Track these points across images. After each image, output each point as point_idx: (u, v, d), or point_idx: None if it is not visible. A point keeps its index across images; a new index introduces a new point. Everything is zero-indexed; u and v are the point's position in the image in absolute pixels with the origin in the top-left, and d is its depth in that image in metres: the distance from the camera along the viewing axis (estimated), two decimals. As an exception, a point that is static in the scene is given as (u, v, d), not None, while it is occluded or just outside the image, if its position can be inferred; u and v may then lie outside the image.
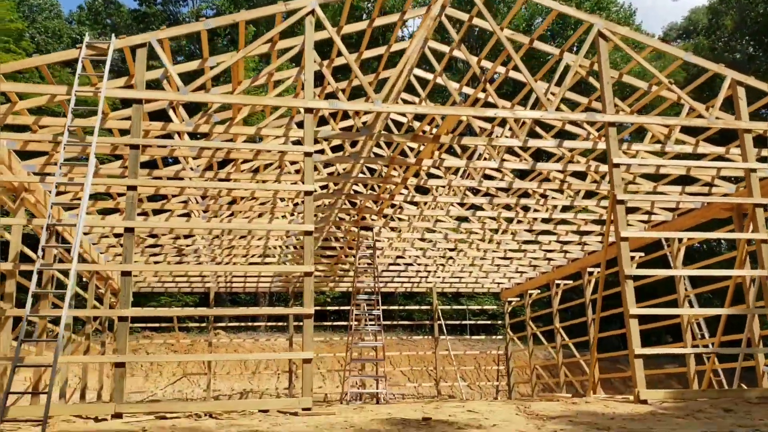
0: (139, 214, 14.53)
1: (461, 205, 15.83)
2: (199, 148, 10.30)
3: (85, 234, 14.94)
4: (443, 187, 14.61)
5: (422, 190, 17.00)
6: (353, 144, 13.20)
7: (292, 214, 14.08)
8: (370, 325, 13.70)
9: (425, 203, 14.75)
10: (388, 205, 13.40)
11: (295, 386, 23.86)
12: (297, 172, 13.88)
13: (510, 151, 14.19)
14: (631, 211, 15.51)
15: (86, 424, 7.23)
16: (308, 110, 8.84)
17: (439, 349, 22.86)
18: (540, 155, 16.63)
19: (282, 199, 14.17)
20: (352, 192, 15.10)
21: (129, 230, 8.15)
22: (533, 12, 38.36)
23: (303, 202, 8.60)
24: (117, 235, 15.49)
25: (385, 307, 26.09)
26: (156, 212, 14.78)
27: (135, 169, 8.25)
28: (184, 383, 24.54)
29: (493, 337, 27.27)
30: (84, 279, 16.31)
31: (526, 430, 6.44)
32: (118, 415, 7.53)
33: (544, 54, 11.40)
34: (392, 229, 15.84)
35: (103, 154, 12.23)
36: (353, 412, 8.00)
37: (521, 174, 17.94)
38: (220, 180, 11.52)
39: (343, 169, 13.02)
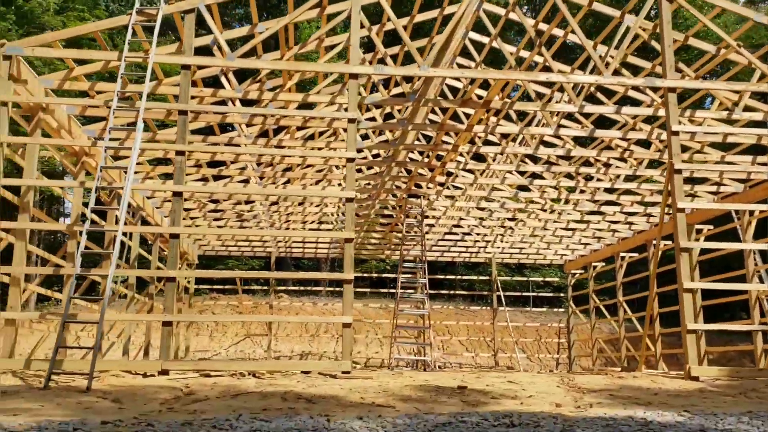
0: (198, 180, 14.92)
1: (521, 173, 15.51)
2: (251, 115, 10.38)
3: (148, 198, 15.47)
4: (500, 154, 14.33)
5: (478, 157, 16.73)
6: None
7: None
8: (416, 293, 13.66)
9: (480, 171, 14.51)
10: (440, 172, 13.23)
11: (353, 349, 24.29)
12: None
13: (570, 117, 13.75)
14: (699, 182, 14.87)
15: (134, 379, 7.53)
16: (353, 76, 8.76)
17: (498, 320, 22.70)
18: (602, 122, 16.02)
19: (337, 167, 14.24)
20: (407, 160, 15.00)
21: (177, 194, 8.34)
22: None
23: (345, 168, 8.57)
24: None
25: (443, 277, 26.22)
26: (216, 178, 15.14)
27: (184, 135, 8.40)
28: (247, 344, 25.29)
29: (556, 309, 26.83)
30: (149, 242, 16.93)
31: (562, 402, 6.29)
32: (164, 372, 7.81)
33: (611, 16, 10.86)
34: (447, 197, 15.69)
35: (160, 120, 12.57)
36: (391, 377, 8.03)
37: (585, 142, 17.41)
38: (274, 147, 11.62)
39: (394, 138, 12.91)
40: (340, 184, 14.47)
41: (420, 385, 7.26)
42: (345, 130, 12.65)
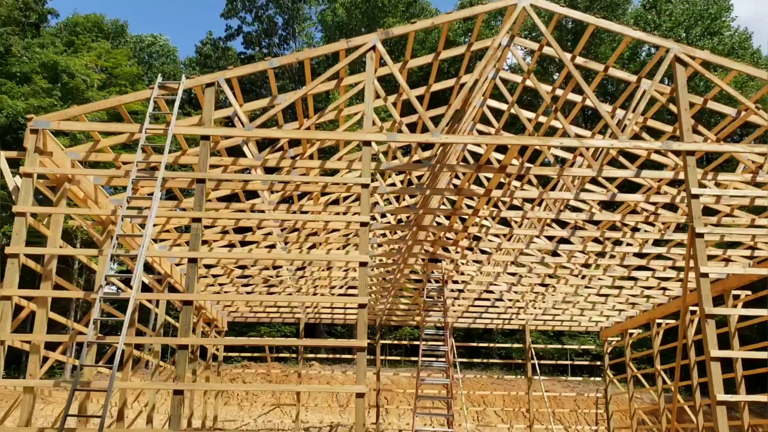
0: (224, 246, 15.13)
1: (549, 238, 15.33)
2: (270, 182, 10.56)
3: (177, 265, 15.68)
4: (526, 219, 14.22)
5: (506, 222, 16.64)
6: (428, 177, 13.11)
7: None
8: (438, 361, 13.36)
9: (507, 236, 14.37)
10: (463, 237, 13.15)
11: (384, 421, 23.74)
12: (376, 203, 14.07)
13: (595, 182, 13.64)
14: (732, 246, 14.51)
15: (143, 450, 7.47)
16: (366, 143, 8.88)
17: (535, 390, 22.03)
18: (630, 187, 15.93)
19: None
20: (436, 224, 14.95)
21: (192, 260, 8.43)
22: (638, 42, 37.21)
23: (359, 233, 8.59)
24: (206, 266, 16.17)
25: (477, 344, 25.76)
26: (243, 244, 15.37)
27: (201, 202, 8.57)
28: (276, 414, 24.98)
29: (593, 378, 25.96)
30: (177, 308, 17.08)
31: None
32: (173, 442, 7.71)
33: (628, 81, 10.90)
34: (475, 261, 15.54)
35: (187, 188, 12.89)
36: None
37: (612, 207, 17.15)
38: (294, 212, 11.76)
39: (415, 202, 12.94)
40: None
41: (431, 458, 7.01)
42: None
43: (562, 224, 16.74)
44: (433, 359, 13.45)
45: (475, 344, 25.86)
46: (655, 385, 19.33)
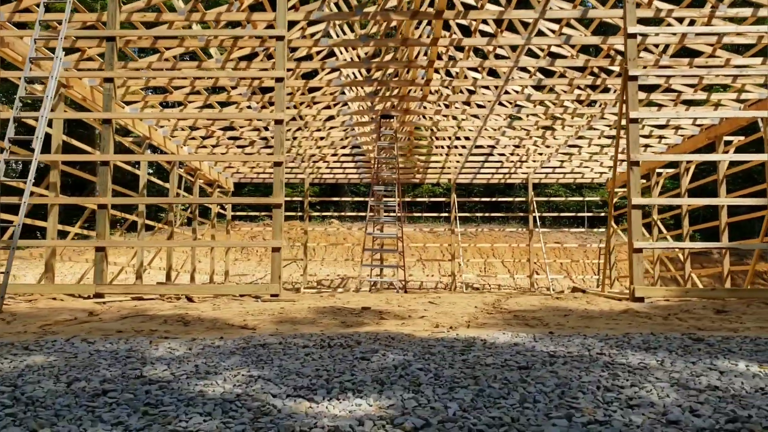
0: (202, 107, 15.13)
1: (538, 88, 14.71)
2: (207, 39, 10.26)
3: (160, 127, 15.81)
4: (483, 68, 13.62)
5: (493, 73, 15.98)
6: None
7: (328, 107, 13.92)
8: (386, 216, 13.43)
9: (466, 87, 13.86)
10: (428, 92, 12.74)
11: (387, 275, 24.55)
12: (351, 60, 13.70)
13: (570, 25, 12.81)
14: (723, 89, 13.70)
15: (66, 302, 7.89)
16: (279, -9, 8.43)
17: (536, 242, 22.26)
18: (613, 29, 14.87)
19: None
20: (421, 79, 14.46)
21: (106, 121, 8.45)
22: None
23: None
24: (191, 128, 16.27)
25: (478, 199, 25.91)
26: (222, 105, 15.44)
27: (111, 61, 8.44)
28: (292, 267, 25.99)
29: (597, 229, 26.10)
30: (168, 170, 17.46)
31: (446, 324, 6.09)
32: (98, 295, 8.13)
33: None
34: (474, 117, 15.09)
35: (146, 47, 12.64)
36: (314, 300, 8.04)
37: (595, 51, 16.21)
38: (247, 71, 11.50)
39: (367, 56, 12.44)
40: (329, 107, 14.22)
41: (327, 306, 7.22)
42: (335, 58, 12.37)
43: (547, 73, 16.00)
44: (384, 215, 13.54)
45: (477, 199, 26.24)
46: (652, 234, 19.25)
